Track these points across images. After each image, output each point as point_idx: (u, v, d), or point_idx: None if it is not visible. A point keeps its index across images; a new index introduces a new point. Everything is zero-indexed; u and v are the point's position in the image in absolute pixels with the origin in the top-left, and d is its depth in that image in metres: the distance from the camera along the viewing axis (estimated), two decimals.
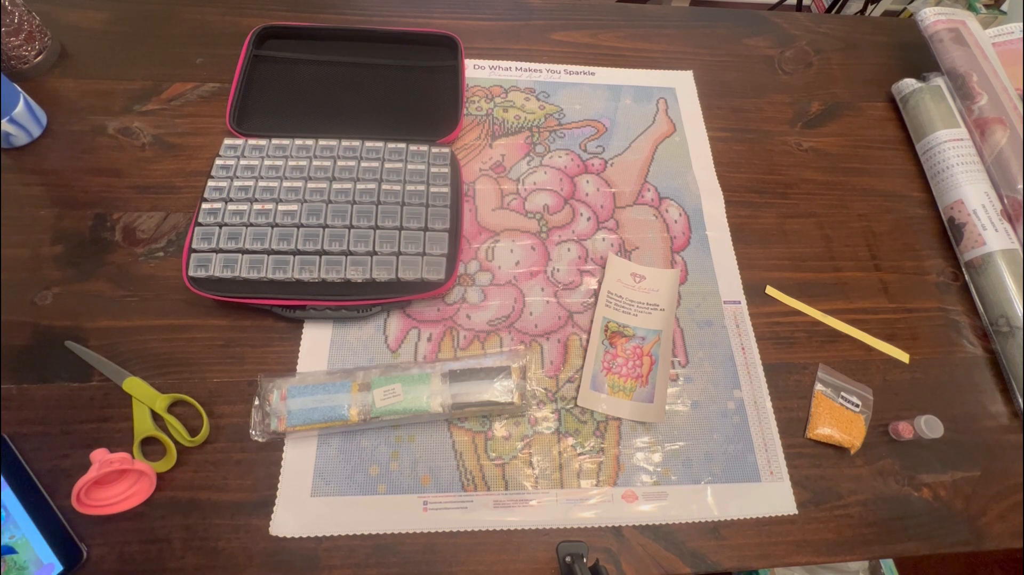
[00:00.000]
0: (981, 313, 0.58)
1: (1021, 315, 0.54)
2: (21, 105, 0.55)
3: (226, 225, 0.51)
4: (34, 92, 0.58)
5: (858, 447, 0.50)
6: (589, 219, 0.59)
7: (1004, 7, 1.41)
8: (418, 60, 0.65)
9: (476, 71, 0.67)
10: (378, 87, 0.63)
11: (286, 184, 0.53)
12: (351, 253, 0.51)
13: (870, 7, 1.69)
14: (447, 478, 0.46)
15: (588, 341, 0.53)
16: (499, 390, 0.47)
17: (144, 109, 0.60)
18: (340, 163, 0.55)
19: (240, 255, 0.50)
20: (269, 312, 0.50)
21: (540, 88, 0.67)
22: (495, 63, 0.68)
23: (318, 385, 0.47)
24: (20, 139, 0.56)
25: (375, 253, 0.51)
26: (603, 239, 0.58)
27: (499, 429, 0.49)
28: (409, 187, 0.54)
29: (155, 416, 0.46)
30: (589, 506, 0.47)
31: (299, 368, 0.49)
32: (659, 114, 0.67)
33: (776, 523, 0.47)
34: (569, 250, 0.57)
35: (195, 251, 0.50)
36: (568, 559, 0.43)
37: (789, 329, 0.56)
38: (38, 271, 0.51)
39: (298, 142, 0.56)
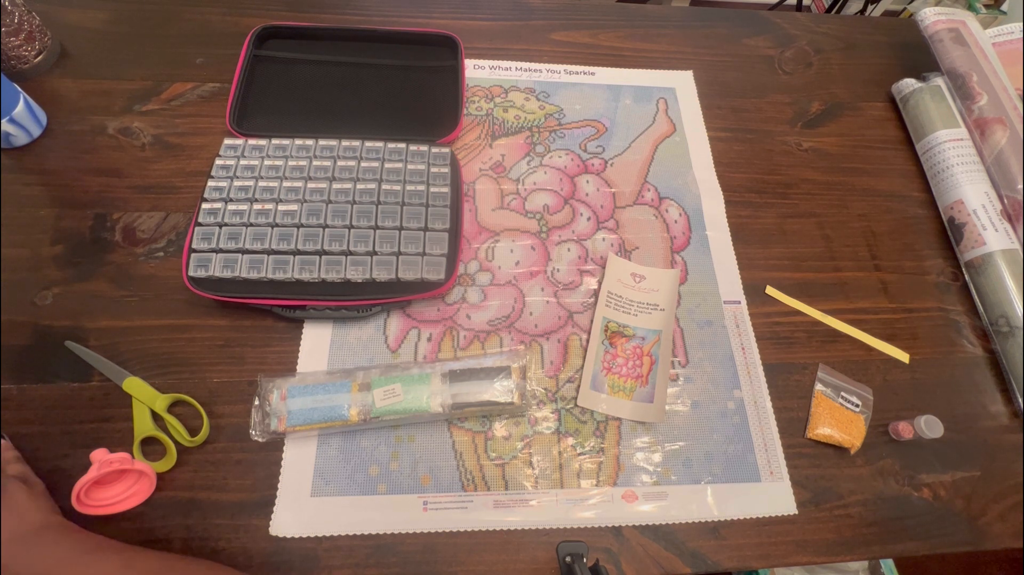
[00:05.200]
0: (981, 313, 0.58)
1: (1021, 315, 0.54)
2: (21, 105, 0.55)
3: (226, 225, 0.51)
4: (34, 92, 0.58)
5: (858, 447, 0.50)
6: (589, 219, 0.59)
7: (1004, 7, 1.41)
8: (418, 60, 0.65)
9: (476, 71, 0.67)
10: (378, 87, 0.63)
11: (286, 184, 0.53)
12: (351, 253, 0.51)
13: (870, 7, 1.69)
14: (447, 478, 0.46)
15: (588, 341, 0.53)
16: (499, 390, 0.47)
17: (144, 109, 0.60)
18: (340, 163, 0.55)
19: (240, 255, 0.50)
20: (269, 312, 0.50)
21: (540, 88, 0.67)
22: (495, 63, 0.68)
23: (318, 385, 0.47)
24: (20, 139, 0.56)
25: (375, 253, 0.51)
26: (603, 239, 0.58)
27: (499, 429, 0.49)
28: (409, 187, 0.54)
29: (155, 416, 0.46)
30: (589, 506, 0.47)
31: (299, 368, 0.49)
32: (659, 114, 0.67)
33: (776, 523, 0.47)
34: (569, 250, 0.57)
35: (195, 251, 0.50)
36: (568, 559, 0.43)
37: (789, 329, 0.56)
38: (38, 271, 0.51)
39: (298, 142, 0.56)
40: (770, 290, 0.57)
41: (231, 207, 0.52)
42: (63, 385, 0.47)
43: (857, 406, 0.52)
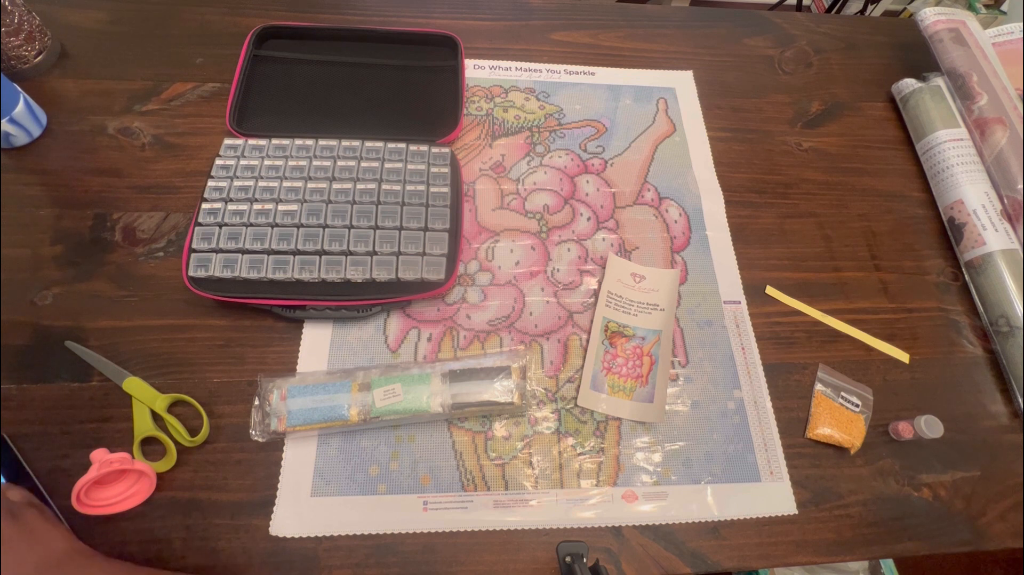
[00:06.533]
0: (981, 313, 0.58)
1: (1021, 315, 0.54)
2: (21, 105, 0.55)
3: (226, 225, 0.51)
4: (34, 92, 0.58)
5: (858, 447, 0.50)
6: (589, 219, 0.59)
7: (1004, 7, 1.41)
8: (418, 60, 0.65)
9: (476, 71, 0.67)
10: (378, 87, 0.63)
11: (286, 184, 0.53)
12: (351, 253, 0.51)
13: (870, 7, 1.69)
14: (447, 478, 0.46)
15: (588, 341, 0.53)
16: (499, 390, 0.47)
17: (144, 109, 0.60)
18: (340, 163, 0.55)
19: (240, 255, 0.50)
20: (269, 312, 0.50)
21: (540, 88, 0.67)
22: (495, 63, 0.68)
23: (318, 385, 0.47)
24: (20, 139, 0.56)
25: (375, 253, 0.51)
26: (603, 239, 0.58)
27: (499, 429, 0.49)
28: (409, 187, 0.54)
29: (155, 416, 0.46)
30: (589, 506, 0.47)
31: (299, 368, 0.49)
32: (659, 114, 0.67)
33: (776, 523, 0.47)
34: (569, 250, 0.57)
35: (195, 251, 0.50)
36: (568, 559, 0.43)
37: (789, 329, 0.56)
38: (38, 271, 0.51)
39: (298, 142, 0.56)
40: (770, 290, 0.57)
41: (231, 207, 0.52)
42: (63, 385, 0.47)
43: (857, 406, 0.52)
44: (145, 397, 0.46)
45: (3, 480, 0.42)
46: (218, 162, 0.54)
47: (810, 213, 0.63)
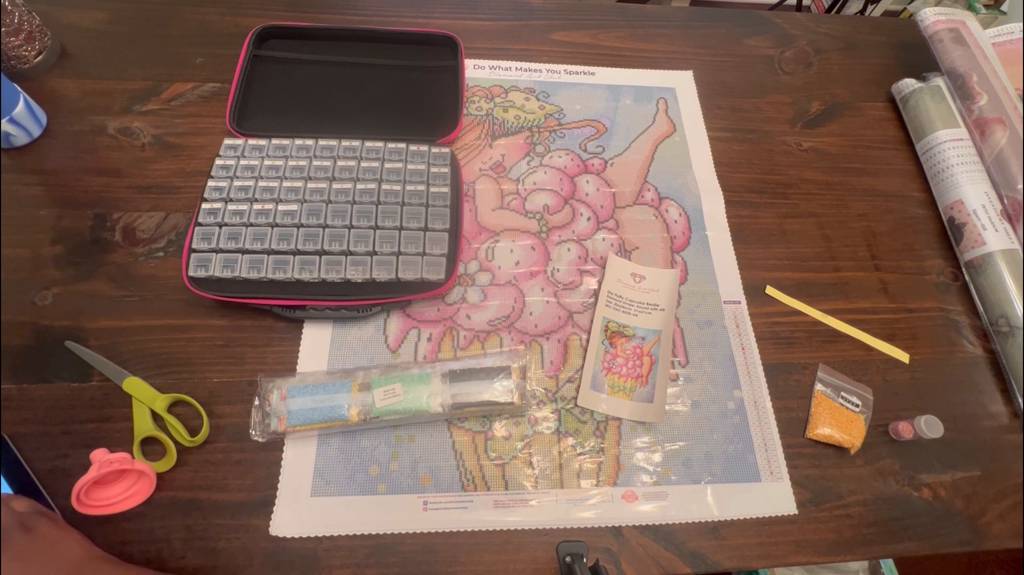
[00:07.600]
0: (981, 313, 0.58)
1: (1021, 315, 0.54)
2: (21, 105, 0.55)
3: (226, 225, 0.51)
4: (34, 92, 0.58)
5: (858, 447, 0.50)
6: (589, 219, 0.59)
7: (1004, 7, 1.41)
8: (418, 60, 0.65)
9: (476, 71, 0.67)
10: (378, 87, 0.63)
11: (286, 184, 0.53)
12: (351, 253, 0.51)
13: (870, 7, 1.69)
14: (447, 478, 0.46)
15: (588, 341, 0.53)
16: (499, 390, 0.47)
17: (144, 109, 0.60)
18: (340, 163, 0.55)
19: (240, 255, 0.50)
20: (269, 312, 0.50)
21: (540, 88, 0.67)
22: (495, 63, 0.68)
23: (318, 385, 0.47)
24: (20, 139, 0.56)
25: (375, 253, 0.51)
26: (603, 239, 0.58)
27: (499, 429, 0.49)
28: (409, 187, 0.54)
29: (155, 416, 0.46)
30: (589, 506, 0.47)
31: (299, 368, 0.49)
32: (659, 114, 0.67)
33: (776, 523, 0.47)
34: (569, 250, 0.57)
35: (195, 251, 0.50)
36: (568, 559, 0.43)
37: (789, 329, 0.56)
38: (38, 271, 0.51)
39: (298, 142, 0.56)
40: (770, 290, 0.57)
41: (231, 207, 0.52)
42: (63, 385, 0.47)
43: (857, 406, 0.52)
44: (145, 397, 0.46)
45: (7, 490, 0.42)
46: (218, 162, 0.54)
47: (810, 213, 0.63)
